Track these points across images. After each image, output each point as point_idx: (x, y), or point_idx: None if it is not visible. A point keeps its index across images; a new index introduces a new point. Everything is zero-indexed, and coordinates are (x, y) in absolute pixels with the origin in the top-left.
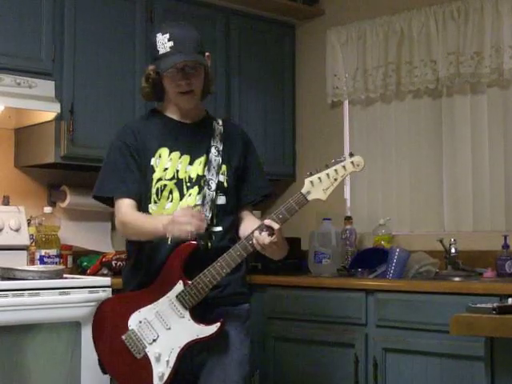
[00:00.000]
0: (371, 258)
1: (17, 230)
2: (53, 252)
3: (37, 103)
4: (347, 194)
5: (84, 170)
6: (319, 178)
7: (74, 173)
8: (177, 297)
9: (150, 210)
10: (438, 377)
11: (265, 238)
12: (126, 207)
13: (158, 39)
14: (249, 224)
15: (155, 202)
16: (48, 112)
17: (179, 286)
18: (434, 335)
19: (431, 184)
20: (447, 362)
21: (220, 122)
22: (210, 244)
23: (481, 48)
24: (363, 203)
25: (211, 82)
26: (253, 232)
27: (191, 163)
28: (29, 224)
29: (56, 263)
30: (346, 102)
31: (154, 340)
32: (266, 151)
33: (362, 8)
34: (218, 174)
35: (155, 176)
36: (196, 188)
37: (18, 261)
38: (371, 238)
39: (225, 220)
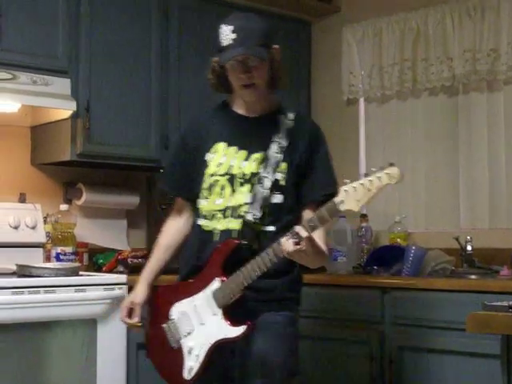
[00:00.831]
0: (387, 256)
1: (33, 228)
2: (69, 249)
3: (53, 101)
4: None
5: (100, 168)
6: (354, 188)
7: (90, 170)
8: (213, 293)
9: (201, 206)
10: (454, 375)
11: (290, 245)
12: (172, 212)
13: (222, 30)
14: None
15: (206, 198)
16: (64, 110)
17: (216, 283)
18: (450, 333)
19: (447, 181)
20: (463, 360)
21: (291, 117)
22: (257, 244)
23: (497, 45)
24: (379, 201)
25: (278, 76)
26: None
27: (247, 159)
28: (45, 221)
29: (72, 261)
30: (362, 100)
31: (189, 333)
32: None
33: (378, 5)
34: (275, 171)
35: (208, 171)
36: (248, 186)
37: (34, 258)
38: (387, 235)
39: (280, 220)
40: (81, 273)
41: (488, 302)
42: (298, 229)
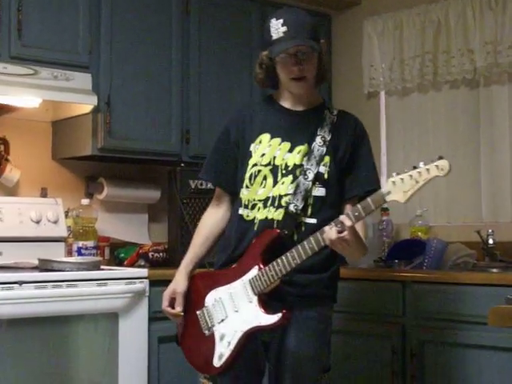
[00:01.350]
0: (408, 250)
1: (55, 222)
2: (90, 244)
3: (74, 96)
4: (384, 186)
5: (121, 162)
6: (401, 179)
7: (111, 165)
8: (250, 281)
9: (241, 195)
10: (475, 369)
11: (333, 233)
12: (212, 203)
13: (271, 24)
14: None
15: (247, 187)
16: (85, 104)
17: (254, 271)
18: (472, 327)
19: (469, 174)
20: (485, 354)
21: (334, 112)
22: (297, 235)
23: None
24: None
25: (326, 69)
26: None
27: (290, 151)
28: (66, 216)
29: (93, 255)
30: (383, 93)
31: (223, 320)
32: None
33: None
34: (318, 164)
35: (251, 161)
36: (290, 177)
37: (56, 252)
38: (408, 229)
39: (322, 212)
40: (102, 267)
41: (510, 295)
42: (343, 218)
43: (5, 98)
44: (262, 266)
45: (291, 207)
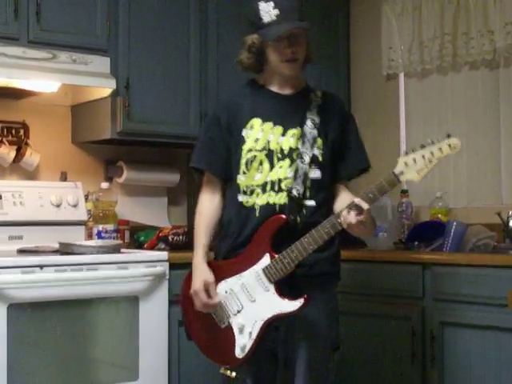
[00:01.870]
0: (428, 232)
1: (74, 206)
2: (110, 227)
3: (93, 80)
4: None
5: (140, 146)
6: (414, 159)
7: (131, 148)
8: (263, 270)
9: (239, 181)
10: (495, 350)
11: (352, 217)
12: (204, 189)
13: (261, 7)
14: (344, 200)
15: (244, 173)
16: (104, 88)
17: (266, 259)
18: (492, 309)
19: (489, 156)
20: (505, 336)
21: (319, 94)
22: (299, 218)
23: None
24: None
25: (312, 50)
26: (342, 210)
27: (283, 134)
28: (86, 199)
29: (113, 238)
30: (402, 75)
31: (239, 311)
32: None
33: None
34: (312, 147)
35: (245, 147)
36: (287, 161)
37: (76, 236)
38: (428, 211)
39: (319, 194)
40: (122, 250)
41: None
42: (358, 201)
43: (24, 83)
44: (274, 255)
45: (294, 191)
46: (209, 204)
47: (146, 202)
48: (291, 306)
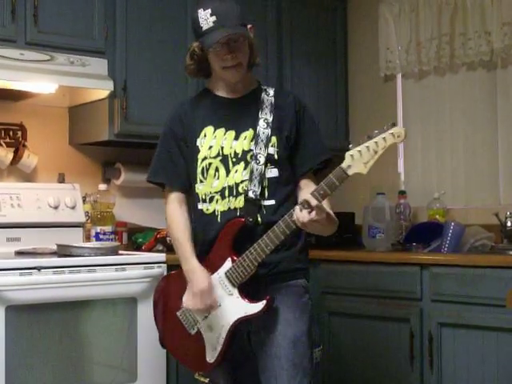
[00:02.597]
0: (426, 233)
1: (72, 208)
2: (108, 229)
3: (90, 81)
4: (401, 168)
5: (138, 147)
6: (359, 152)
7: (128, 150)
8: (225, 274)
9: (197, 190)
10: (493, 351)
11: (305, 215)
12: (170, 202)
13: (200, 15)
14: (303, 196)
15: (201, 182)
16: (101, 90)
17: (228, 263)
18: (490, 309)
19: (486, 157)
20: (503, 337)
21: (271, 93)
22: (261, 219)
23: None
24: (417, 177)
25: (256, 54)
26: (294, 209)
27: (236, 138)
28: (84, 201)
29: (111, 240)
30: (399, 76)
31: (206, 317)
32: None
33: None
34: (266, 146)
35: (200, 155)
36: (242, 164)
37: (74, 238)
38: (425, 212)
39: (278, 193)
40: (120, 252)
41: None
42: (308, 197)
43: (21, 84)
44: (235, 258)
45: (250, 193)
46: (179, 214)
47: (144, 203)
48: (255, 307)
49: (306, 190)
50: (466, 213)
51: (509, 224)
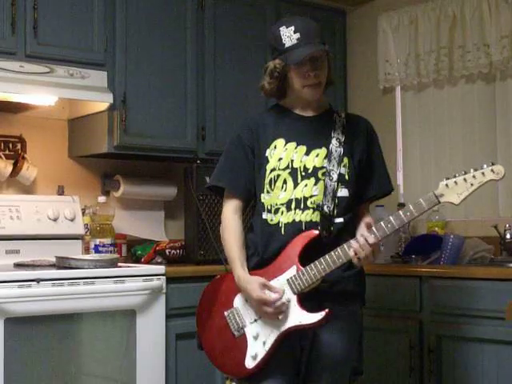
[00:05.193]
0: (425, 245)
1: (72, 220)
2: (107, 241)
3: (90, 94)
4: (400, 181)
5: (137, 159)
6: (455, 182)
7: (128, 162)
8: (287, 280)
9: (263, 200)
10: (493, 364)
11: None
12: (228, 207)
13: (282, 33)
14: (363, 223)
15: (268, 192)
16: (101, 102)
17: (292, 271)
18: (489, 322)
19: None
20: (503, 349)
21: (342, 115)
22: (330, 234)
23: None
24: (416, 189)
25: (333, 73)
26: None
27: (307, 154)
28: (83, 213)
29: (110, 252)
30: (398, 88)
31: (256, 320)
32: None
33: None
34: (339, 165)
35: (269, 166)
36: (312, 179)
37: (73, 250)
38: (425, 224)
39: (346, 212)
40: (119, 264)
41: None
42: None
43: (21, 97)
44: (300, 267)
45: (325, 208)
46: (235, 220)
47: (143, 215)
48: (311, 318)
49: (364, 218)
50: (465, 225)
51: (508, 236)
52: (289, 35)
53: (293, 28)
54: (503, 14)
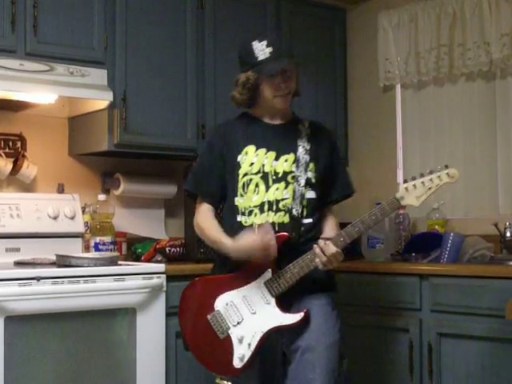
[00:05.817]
0: (425, 243)
1: (72, 218)
2: (107, 239)
3: (90, 92)
4: (400, 179)
5: (137, 158)
6: (414, 185)
7: (128, 160)
8: (265, 283)
9: (237, 203)
10: (493, 362)
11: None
12: (200, 212)
13: (254, 47)
14: (327, 226)
15: (241, 196)
16: (101, 100)
17: (268, 274)
18: (490, 320)
19: (485, 167)
20: (503, 347)
21: (306, 124)
22: (298, 236)
23: None
24: None
25: (299, 84)
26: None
27: (277, 159)
28: (83, 212)
29: (111, 250)
30: (398, 86)
31: (239, 322)
32: None
33: None
34: (306, 171)
35: (241, 171)
36: (283, 183)
37: (73, 248)
38: (425, 222)
39: (314, 213)
40: (120, 262)
41: None
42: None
43: (21, 95)
44: (276, 270)
45: (294, 211)
46: (209, 218)
47: (143, 213)
48: (291, 318)
49: (328, 220)
50: (465, 223)
51: (508, 234)
52: (262, 49)
53: (265, 42)
54: (503, 12)
